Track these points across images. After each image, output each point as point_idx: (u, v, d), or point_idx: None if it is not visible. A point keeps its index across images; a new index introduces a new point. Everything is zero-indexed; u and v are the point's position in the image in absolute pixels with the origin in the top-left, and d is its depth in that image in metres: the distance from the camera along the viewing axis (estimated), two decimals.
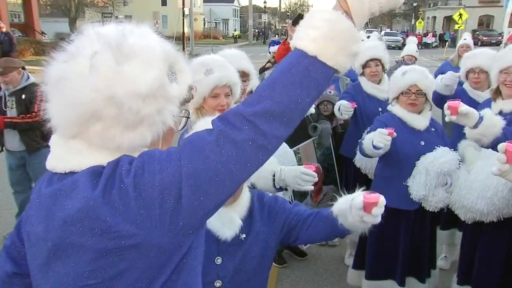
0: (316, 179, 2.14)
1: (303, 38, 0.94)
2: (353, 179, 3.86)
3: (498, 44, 24.92)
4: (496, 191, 2.53)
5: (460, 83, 4.01)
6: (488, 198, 2.55)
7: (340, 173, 3.99)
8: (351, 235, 3.87)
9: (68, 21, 33.84)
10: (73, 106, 0.91)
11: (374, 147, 2.69)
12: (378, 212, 1.45)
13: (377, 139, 2.64)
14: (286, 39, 5.27)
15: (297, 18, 5.53)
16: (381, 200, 1.45)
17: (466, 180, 2.69)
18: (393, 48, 37.30)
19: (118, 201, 0.87)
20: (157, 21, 28.94)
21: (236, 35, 50.89)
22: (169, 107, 0.96)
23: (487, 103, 2.98)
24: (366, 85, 3.84)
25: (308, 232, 1.69)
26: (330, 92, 4.19)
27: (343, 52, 0.94)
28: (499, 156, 1.41)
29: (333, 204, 1.65)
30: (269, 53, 6.60)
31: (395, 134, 2.71)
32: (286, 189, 2.27)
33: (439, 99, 3.43)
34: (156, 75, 0.92)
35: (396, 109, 3.01)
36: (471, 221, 2.74)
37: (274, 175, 2.19)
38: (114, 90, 0.89)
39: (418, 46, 6.60)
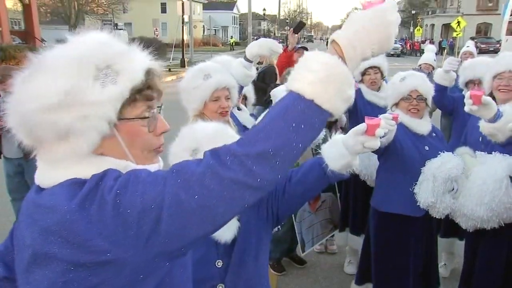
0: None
1: (300, 80, 0.93)
2: (352, 185, 3.86)
3: (496, 51, 25.04)
4: (492, 196, 2.52)
5: (459, 89, 4.01)
6: (486, 203, 2.54)
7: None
8: (352, 243, 3.91)
9: (68, 28, 33.98)
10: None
11: None
12: (381, 133, 1.50)
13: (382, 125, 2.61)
14: (288, 46, 5.27)
15: (298, 26, 5.56)
16: (383, 121, 1.51)
17: (465, 187, 2.69)
18: (392, 55, 37.63)
19: (96, 216, 0.87)
20: (156, 28, 29.03)
21: (232, 43, 49.65)
22: (96, 112, 0.93)
23: None
24: (366, 92, 3.84)
25: (296, 188, 1.66)
26: None
27: (339, 96, 0.94)
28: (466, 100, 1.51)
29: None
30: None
31: (399, 119, 2.68)
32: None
33: (440, 95, 3.40)
34: (62, 84, 0.91)
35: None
36: (472, 229, 2.71)
37: None
38: (24, 108, 0.92)
39: (417, 54, 6.57)
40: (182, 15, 23.21)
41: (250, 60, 2.89)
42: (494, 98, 2.84)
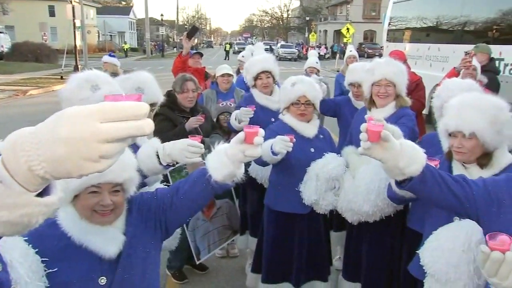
0: (203, 151, 2.12)
1: None
2: (250, 189, 3.93)
3: (380, 56, 27.18)
4: (378, 194, 2.76)
5: (346, 92, 4.28)
6: (372, 200, 2.76)
7: (235, 185, 4.02)
8: (252, 246, 3.96)
9: None
10: None
11: (274, 153, 2.76)
12: (259, 141, 1.47)
13: (279, 145, 2.71)
14: (182, 52, 5.23)
15: (191, 30, 5.54)
16: (261, 130, 1.48)
17: (352, 185, 2.88)
18: (290, 60, 39.16)
19: None
20: (45, 33, 27.04)
21: (126, 49, 45.77)
22: None
23: (363, 111, 3.24)
24: (259, 96, 3.93)
25: (184, 199, 1.65)
26: (231, 104, 4.23)
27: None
28: (361, 135, 1.52)
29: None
30: None
31: (294, 139, 2.80)
32: (174, 165, 2.22)
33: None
34: None
35: (287, 118, 3.12)
36: (356, 222, 2.94)
37: (157, 153, 2.16)
38: None
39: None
40: (73, 19, 21.94)
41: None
42: (374, 102, 3.11)
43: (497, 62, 8.43)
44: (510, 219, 1.60)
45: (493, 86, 5.13)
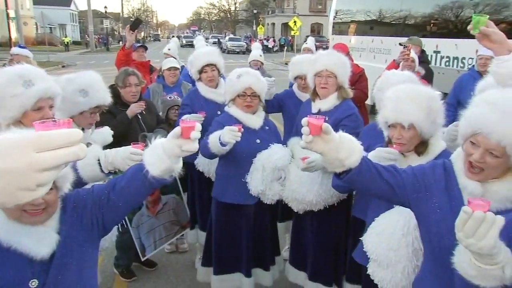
0: None
1: None
2: (197, 183, 3.90)
3: (327, 48, 27.73)
4: (321, 184, 2.84)
5: (291, 84, 4.31)
6: (316, 190, 2.84)
7: (182, 180, 3.98)
8: (202, 240, 3.93)
9: None
10: None
11: (222, 144, 2.75)
12: (196, 136, 1.46)
13: (228, 136, 2.71)
14: (125, 44, 5.08)
15: (134, 23, 5.38)
16: (198, 124, 1.47)
17: (297, 175, 2.93)
18: (238, 53, 39.11)
19: None
20: None
21: (67, 42, 41.86)
22: None
23: (308, 103, 3.29)
24: (204, 90, 3.89)
25: (121, 196, 1.60)
26: (178, 98, 4.15)
27: None
28: (303, 129, 1.54)
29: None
30: None
31: (242, 129, 2.81)
32: (115, 173, 2.16)
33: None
34: None
35: (233, 110, 3.12)
36: (302, 211, 3.01)
37: (99, 161, 2.11)
38: None
39: (263, 51, 6.90)
40: (6, 9, 20.79)
41: None
42: (318, 94, 3.16)
43: (433, 54, 8.86)
44: (435, 202, 1.70)
45: (429, 76, 5.39)
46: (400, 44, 5.71)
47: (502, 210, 1.57)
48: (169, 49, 6.28)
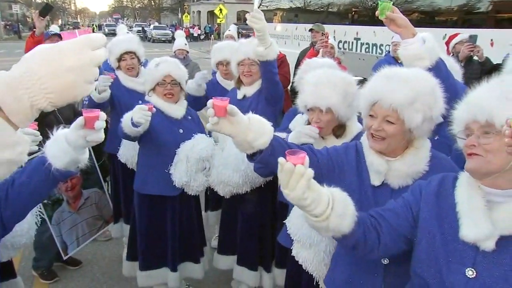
0: (40, 138, 1.97)
1: None
2: (121, 175, 3.77)
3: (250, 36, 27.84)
4: (248, 164, 2.82)
5: (214, 72, 4.26)
6: (242, 170, 2.84)
7: (106, 172, 3.84)
8: (128, 232, 3.83)
9: None
10: None
11: (134, 124, 2.67)
12: (101, 126, 1.40)
13: (138, 115, 2.63)
14: (34, 32, 4.74)
15: (44, 8, 5.02)
16: (103, 114, 1.41)
17: (221, 158, 2.92)
18: (164, 41, 38.17)
19: None
20: None
21: None
22: None
23: (234, 90, 3.29)
24: (124, 79, 3.75)
25: (21, 191, 1.48)
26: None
27: None
28: (208, 111, 1.53)
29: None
30: None
31: (154, 109, 2.73)
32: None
33: (193, 102, 3.51)
34: None
35: (153, 99, 3.04)
36: (229, 195, 3.01)
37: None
38: None
39: (187, 39, 6.74)
40: None
41: None
42: (242, 81, 3.17)
43: (354, 41, 9.20)
44: (348, 180, 1.77)
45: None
46: (310, 30, 6.28)
47: (404, 186, 1.68)
48: None
